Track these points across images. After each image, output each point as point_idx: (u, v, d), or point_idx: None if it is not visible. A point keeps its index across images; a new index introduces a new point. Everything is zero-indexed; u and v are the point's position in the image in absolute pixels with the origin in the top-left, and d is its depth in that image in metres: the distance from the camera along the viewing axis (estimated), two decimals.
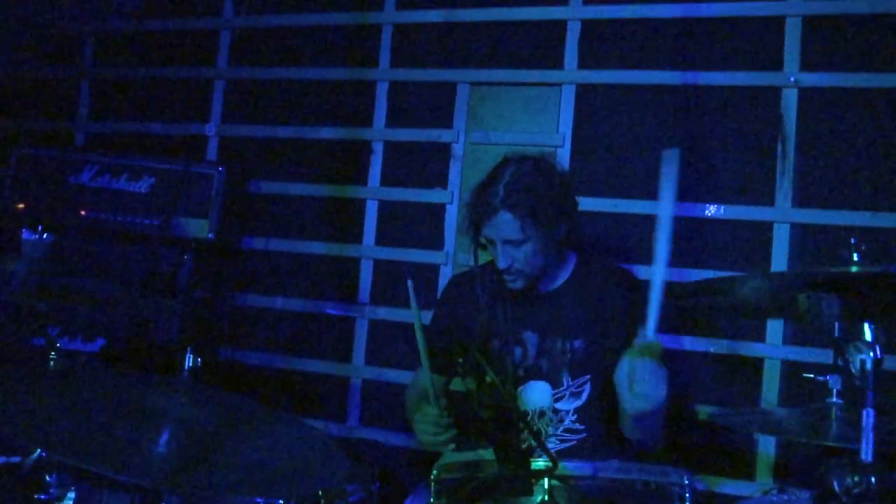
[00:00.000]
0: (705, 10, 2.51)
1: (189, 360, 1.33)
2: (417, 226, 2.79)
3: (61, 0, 3.03)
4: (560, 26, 2.68)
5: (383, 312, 2.78)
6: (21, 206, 2.71)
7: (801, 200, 2.39)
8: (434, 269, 2.75)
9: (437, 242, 2.75)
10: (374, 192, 2.84)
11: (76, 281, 1.52)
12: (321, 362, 2.84)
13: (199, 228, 2.67)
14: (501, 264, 1.82)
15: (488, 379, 1.33)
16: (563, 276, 1.95)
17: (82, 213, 2.70)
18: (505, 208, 1.78)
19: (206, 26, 3.12)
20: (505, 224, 1.79)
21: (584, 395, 1.87)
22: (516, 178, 1.81)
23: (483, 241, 1.89)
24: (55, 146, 2.88)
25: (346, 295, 2.84)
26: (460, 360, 1.34)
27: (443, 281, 2.71)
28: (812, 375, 1.33)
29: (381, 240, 2.82)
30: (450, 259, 2.73)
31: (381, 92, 2.87)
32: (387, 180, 2.84)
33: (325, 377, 2.83)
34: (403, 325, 2.75)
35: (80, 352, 2.46)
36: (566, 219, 1.87)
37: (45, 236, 1.42)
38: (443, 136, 2.77)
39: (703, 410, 2.37)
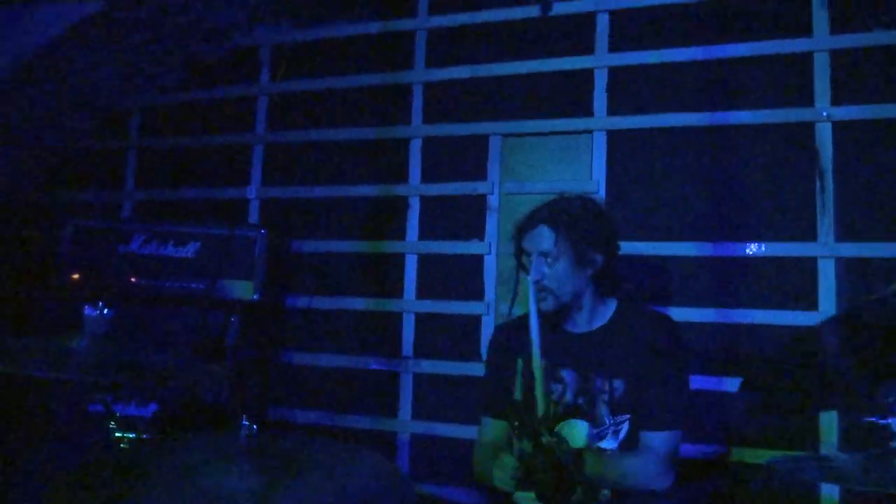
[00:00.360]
0: (730, 51, 2.55)
1: (245, 427, 1.35)
2: (457, 277, 2.82)
3: (110, 78, 3.18)
4: (587, 75, 2.73)
5: (427, 366, 2.80)
6: (76, 276, 2.81)
7: (843, 234, 2.37)
8: (475, 320, 2.77)
9: (477, 293, 2.78)
10: (412, 246, 2.89)
11: (132, 350, 1.56)
12: (368, 418, 2.86)
13: (244, 290, 2.73)
14: (532, 276, 1.87)
15: (544, 440, 1.33)
16: (602, 319, 1.96)
17: (133, 280, 2.79)
18: (543, 222, 1.91)
19: (243, 94, 3.24)
20: (541, 236, 1.90)
21: (622, 434, 1.87)
22: (560, 202, 1.95)
23: (524, 258, 1.95)
24: (105, 217, 2.99)
25: (390, 349, 2.87)
26: (515, 423, 1.35)
27: (485, 331, 2.73)
28: (874, 419, 1.30)
29: (422, 293, 2.86)
30: (491, 309, 2.74)
31: (415, 148, 2.94)
32: (425, 234, 2.89)
33: (373, 433, 2.84)
34: (448, 378, 2.77)
35: (135, 417, 2.52)
36: (603, 249, 1.92)
37: (105, 311, 1.48)
38: (478, 187, 2.82)
39: (762, 454, 2.33)
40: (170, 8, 2.90)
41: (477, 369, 2.71)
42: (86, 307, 1.47)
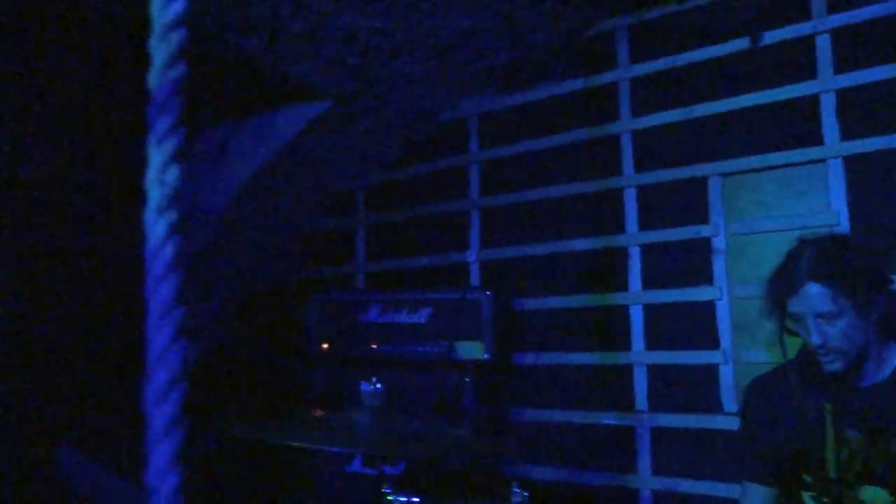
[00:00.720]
0: None
1: (516, 494, 1.40)
2: (687, 326, 2.73)
3: (339, 164, 3.53)
4: (811, 101, 2.57)
5: (664, 419, 2.71)
6: (325, 346, 3.10)
7: None
8: (712, 370, 2.64)
9: (711, 341, 2.66)
10: (636, 296, 2.84)
11: (403, 420, 1.69)
12: (606, 474, 2.81)
13: (475, 350, 2.85)
14: (815, 340, 1.67)
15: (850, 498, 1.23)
16: (887, 368, 1.75)
17: (373, 346, 3.01)
18: (812, 279, 1.66)
19: (455, 163, 3.43)
20: (814, 296, 1.66)
21: None
22: (819, 251, 1.70)
23: (790, 322, 1.75)
24: (346, 290, 3.29)
25: (622, 403, 2.82)
26: (807, 477, 1.26)
27: (724, 380, 2.60)
28: None
29: (651, 344, 2.79)
30: (728, 357, 2.61)
31: (630, 197, 2.92)
32: (648, 283, 2.84)
33: (613, 489, 2.79)
34: (688, 432, 2.66)
35: (387, 476, 2.69)
36: (881, 289, 1.70)
37: (378, 386, 1.62)
38: (701, 231, 2.73)
39: None
40: (388, 96, 3.17)
41: (719, 422, 2.58)
42: (361, 383, 1.61)
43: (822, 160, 2.52)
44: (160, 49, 0.52)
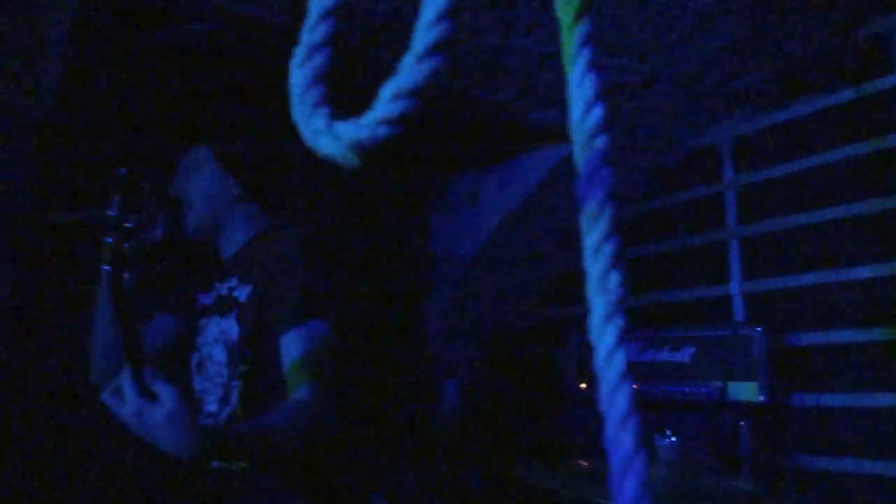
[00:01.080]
0: None
1: None
2: None
3: None
4: None
5: None
6: (583, 385, 3.08)
7: None
8: None
9: None
10: None
11: (681, 471, 1.62)
12: None
13: (748, 392, 2.65)
14: None
15: None
16: None
17: (634, 386, 2.93)
18: None
19: (709, 192, 3.27)
20: None
21: None
22: None
23: None
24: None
25: None
26: None
27: None
28: None
29: None
30: None
31: None
32: None
33: None
34: None
35: None
36: None
37: (672, 439, 1.57)
38: None
39: None
40: (633, 131, 3.13)
41: None
42: (655, 436, 1.57)
43: None
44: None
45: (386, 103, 0.39)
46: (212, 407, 1.73)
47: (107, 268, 1.61)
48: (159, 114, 2.63)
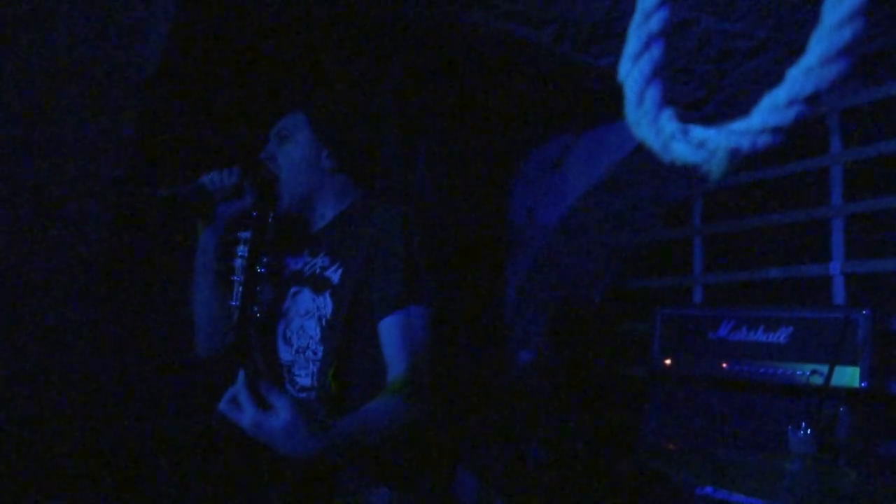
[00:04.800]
0: None
1: None
2: None
3: (679, 173, 3.42)
4: None
5: None
6: (668, 362, 3.02)
7: None
8: None
9: None
10: None
11: (816, 466, 1.55)
12: None
13: (848, 377, 2.54)
14: None
15: None
16: None
17: (724, 366, 2.85)
18: None
19: (812, 166, 3.11)
20: None
21: None
22: None
23: None
24: (690, 304, 3.17)
25: None
26: None
27: None
28: None
29: None
30: None
31: None
32: None
33: None
34: None
35: None
36: None
37: (808, 431, 1.51)
38: None
39: None
40: (734, 101, 2.99)
41: None
42: (789, 428, 1.52)
43: None
44: None
45: (776, 110, 0.35)
46: (304, 381, 1.74)
47: (245, 234, 1.63)
48: (261, 78, 2.63)
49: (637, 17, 0.36)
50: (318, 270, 1.76)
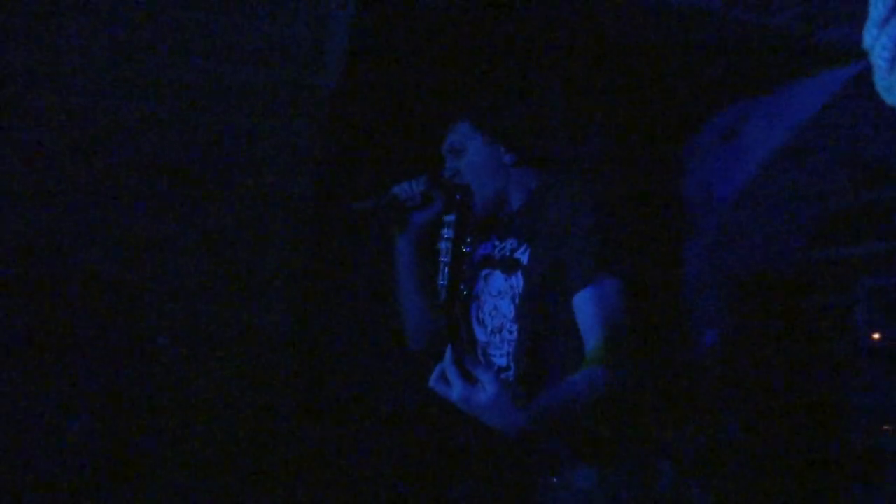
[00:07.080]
0: None
1: None
2: None
3: (871, 132, 3.12)
4: None
5: None
6: (876, 336, 2.78)
7: None
8: None
9: None
10: None
11: None
12: None
13: None
14: None
15: None
16: None
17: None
18: None
19: None
20: None
21: None
22: None
23: None
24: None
25: None
26: None
27: None
28: None
29: None
30: None
31: None
32: None
33: None
34: None
35: None
36: None
37: None
38: None
39: None
40: None
41: None
42: None
43: None
44: None
45: None
46: (500, 361, 1.78)
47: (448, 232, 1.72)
48: (430, 86, 2.73)
49: None
50: (507, 253, 1.80)
